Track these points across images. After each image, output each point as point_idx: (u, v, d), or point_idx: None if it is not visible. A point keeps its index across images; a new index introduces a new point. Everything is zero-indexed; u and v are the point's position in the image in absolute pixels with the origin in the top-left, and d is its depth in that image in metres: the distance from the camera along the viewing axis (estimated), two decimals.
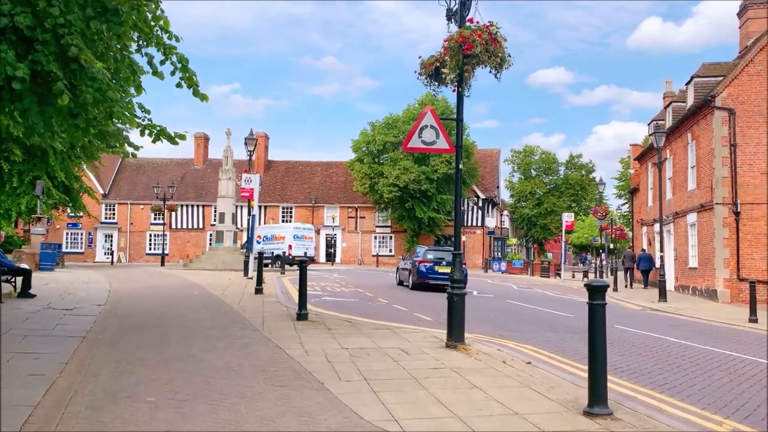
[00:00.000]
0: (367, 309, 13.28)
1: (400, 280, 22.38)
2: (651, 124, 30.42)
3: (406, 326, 10.05)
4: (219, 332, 8.78)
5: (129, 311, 11.24)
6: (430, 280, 19.53)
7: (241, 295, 14.51)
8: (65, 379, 5.77)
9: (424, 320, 11.34)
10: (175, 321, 9.91)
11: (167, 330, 8.95)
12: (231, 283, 18.95)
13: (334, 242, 49.14)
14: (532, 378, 6.12)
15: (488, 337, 9.36)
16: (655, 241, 28.79)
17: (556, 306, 16.43)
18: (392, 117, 45.65)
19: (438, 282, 19.09)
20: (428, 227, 45.09)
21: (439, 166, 42.68)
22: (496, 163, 52.87)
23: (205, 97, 7.44)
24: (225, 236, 31.59)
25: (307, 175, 51.29)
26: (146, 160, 52.55)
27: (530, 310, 14.82)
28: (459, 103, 7.85)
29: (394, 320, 11.10)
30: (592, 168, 70.35)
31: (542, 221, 66.57)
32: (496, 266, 41.62)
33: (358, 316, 11.34)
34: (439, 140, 7.79)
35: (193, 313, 10.91)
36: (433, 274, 19.52)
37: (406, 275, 21.22)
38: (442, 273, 18.86)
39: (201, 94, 7.36)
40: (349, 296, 16.47)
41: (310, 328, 9.24)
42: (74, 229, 48.14)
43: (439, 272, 19.33)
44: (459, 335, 7.70)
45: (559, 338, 9.83)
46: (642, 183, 31.69)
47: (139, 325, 9.43)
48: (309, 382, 5.78)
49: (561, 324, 11.91)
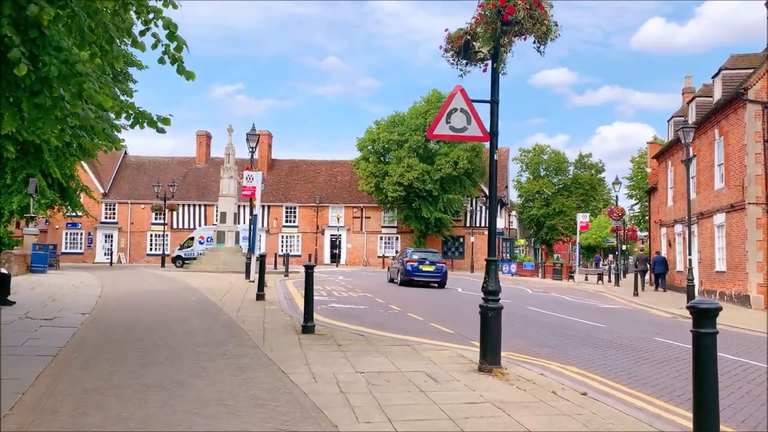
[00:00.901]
0: (379, 318, 12.09)
1: (391, 278, 24.93)
2: (671, 120, 29.16)
3: (426, 341, 8.86)
4: (213, 349, 7.61)
5: (115, 321, 10.08)
6: (415, 277, 22.22)
7: (241, 302, 13.34)
8: (14, 420, 4.59)
9: (444, 333, 10.14)
10: (164, 334, 8.74)
11: (154, 346, 7.78)
12: (231, 287, 17.79)
13: (339, 243, 47.95)
14: (596, 417, 4.91)
15: (522, 355, 8.16)
16: (675, 242, 27.52)
17: (581, 313, 15.22)
18: (398, 115, 44.43)
19: (422, 279, 22.26)
20: (435, 228, 43.86)
21: (444, 165, 41.43)
22: (505, 161, 51.56)
23: (191, 75, 6.26)
24: (226, 237, 30.42)
25: (312, 175, 50.10)
26: (147, 159, 51.52)
27: (556, 319, 13.59)
28: (494, 81, 6.66)
29: (411, 332, 9.91)
30: (601, 168, 69.03)
31: (550, 222, 65.26)
32: (505, 268, 40.29)
33: (370, 328, 10.15)
34: (471, 126, 6.60)
35: (186, 324, 9.74)
36: (418, 272, 22.25)
37: (396, 273, 23.76)
38: (426, 271, 22.31)
39: (187, 71, 6.19)
40: (358, 302, 15.28)
41: (318, 344, 8.05)
42: (74, 229, 47.08)
43: (423, 270, 22.31)
44: (494, 357, 6.50)
45: (601, 356, 8.62)
46: (661, 182, 30.40)
47: (123, 339, 8.26)
48: (319, 423, 4.59)
49: (597, 337, 10.69)
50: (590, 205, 64.61)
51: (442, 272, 22.62)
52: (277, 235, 48.06)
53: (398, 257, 25.56)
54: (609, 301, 21.12)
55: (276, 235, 47.98)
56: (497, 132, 6.66)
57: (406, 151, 42.20)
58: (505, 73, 6.69)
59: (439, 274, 22.53)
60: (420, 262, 22.29)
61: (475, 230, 44.89)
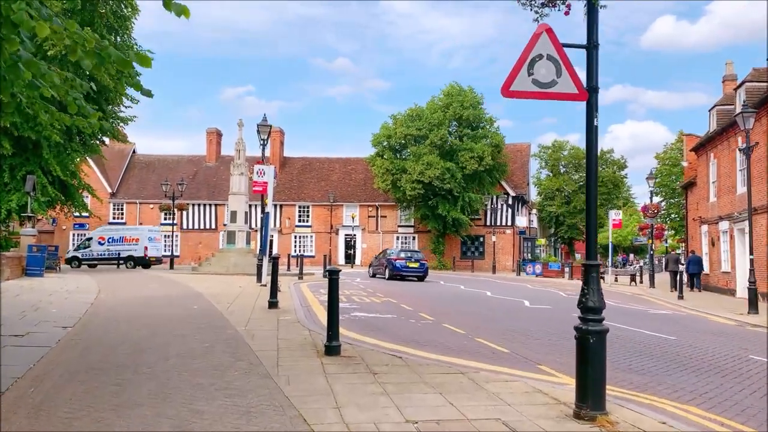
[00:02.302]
0: (412, 330, 10.30)
1: (374, 273, 28.55)
2: (713, 110, 27.07)
3: (482, 366, 7.06)
4: (212, 380, 5.86)
5: (99, 338, 8.37)
6: (403, 272, 26.24)
7: (251, 311, 11.60)
8: None
9: (498, 353, 8.32)
10: (154, 357, 7.02)
11: (137, 376, 6.05)
12: (241, 292, 16.09)
13: (354, 243, 46.18)
14: None
15: (612, 385, 6.31)
16: (720, 241, 25.44)
17: (638, 322, 13.32)
18: (416, 108, 42.56)
19: (408, 273, 26.34)
20: (453, 228, 41.94)
21: (468, 162, 39.48)
22: (526, 158, 49.54)
23: (184, 11, 4.48)
24: (237, 237, 28.75)
25: (325, 172, 48.36)
26: (156, 158, 50.14)
27: (616, 329, 11.66)
28: (591, 19, 4.85)
29: (457, 351, 8.12)
30: (624, 164, 66.69)
31: (571, 220, 63.04)
32: (529, 269, 38.35)
33: (406, 346, 8.38)
34: (562, 80, 4.79)
35: (183, 343, 8.00)
36: (405, 268, 26.32)
37: (381, 270, 27.34)
38: (412, 267, 26.35)
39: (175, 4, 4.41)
40: (382, 310, 13.49)
41: (347, 372, 6.28)
42: (81, 230, 45.68)
43: (409, 267, 26.39)
44: (598, 399, 4.69)
45: (710, 385, 6.76)
46: (701, 176, 28.29)
47: (101, 366, 6.54)
48: None
49: (682, 355, 8.82)
50: (614, 202, 62.30)
51: (424, 268, 26.76)
52: (290, 235, 46.42)
53: (380, 256, 29.45)
54: (654, 305, 19.17)
55: (289, 236, 46.35)
56: (597, 87, 4.85)
57: (427, 147, 40.32)
58: (605, 6, 4.88)
59: (422, 270, 26.64)
60: (407, 260, 26.68)
61: (496, 229, 42.91)
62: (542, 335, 10.30)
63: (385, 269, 26.97)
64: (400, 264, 26.32)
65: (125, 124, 28.29)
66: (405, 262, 26.45)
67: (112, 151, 46.61)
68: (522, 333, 10.43)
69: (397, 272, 26.10)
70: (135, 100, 27.90)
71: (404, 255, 27.34)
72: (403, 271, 26.22)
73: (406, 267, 26.30)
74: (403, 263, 26.37)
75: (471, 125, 41.34)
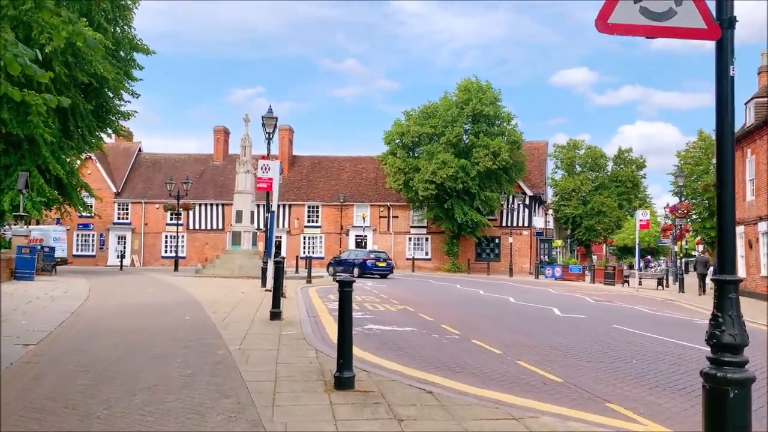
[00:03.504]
0: (438, 349, 8.76)
1: (334, 272, 29.94)
2: (749, 103, 25.32)
3: (538, 405, 5.52)
4: (185, 430, 4.37)
5: (60, 360, 6.92)
6: (373, 271, 29.68)
7: (249, 324, 10.11)
8: None
9: (551, 382, 6.74)
10: (119, 390, 5.53)
11: (87, 421, 4.57)
12: (242, 299, 14.63)
13: (365, 244, 44.64)
14: None
15: None
16: (759, 243, 23.67)
17: (687, 335, 11.66)
18: (430, 105, 40.95)
19: (377, 271, 29.77)
20: (468, 229, 40.27)
21: (482, 158, 37.82)
22: (543, 157, 47.79)
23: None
24: (243, 238, 27.35)
25: (335, 172, 46.86)
26: (162, 156, 48.94)
27: (669, 346, 10.06)
28: None
29: (499, 381, 6.59)
30: (643, 163, 64.68)
31: (587, 222, 61.16)
32: (548, 272, 36.60)
33: (434, 373, 6.86)
34: (684, 8, 3.25)
35: (160, 368, 6.52)
36: (375, 267, 29.88)
37: (349, 269, 29.47)
38: (380, 266, 30.00)
39: None
40: (400, 321, 11.95)
41: (363, 418, 4.77)
42: (85, 230, 44.67)
43: (378, 266, 30.00)
44: None
45: None
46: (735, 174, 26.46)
47: (44, 405, 5.06)
48: None
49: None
50: (632, 203, 60.37)
51: (389, 267, 30.66)
52: (299, 236, 44.99)
53: (343, 256, 32.96)
54: (693, 313, 17.50)
55: (297, 236, 44.92)
56: (734, 20, 3.30)
57: (442, 145, 38.72)
58: None
59: (388, 268, 30.45)
60: (376, 260, 30.34)
61: (513, 230, 41.22)
62: (591, 355, 8.72)
63: (352, 268, 29.59)
64: (370, 263, 30.00)
65: (126, 119, 27.12)
66: (374, 261, 30.18)
67: (117, 150, 45.54)
68: (567, 352, 8.86)
69: (368, 270, 29.55)
70: (136, 94, 26.69)
71: (373, 255, 31.15)
72: (373, 270, 29.75)
73: (375, 266, 29.94)
74: (372, 263, 30.05)
75: (488, 121, 39.72)
